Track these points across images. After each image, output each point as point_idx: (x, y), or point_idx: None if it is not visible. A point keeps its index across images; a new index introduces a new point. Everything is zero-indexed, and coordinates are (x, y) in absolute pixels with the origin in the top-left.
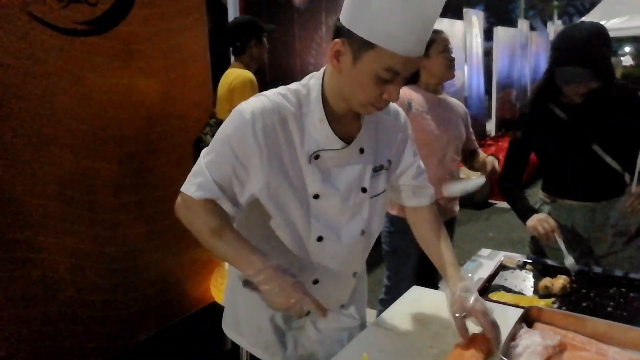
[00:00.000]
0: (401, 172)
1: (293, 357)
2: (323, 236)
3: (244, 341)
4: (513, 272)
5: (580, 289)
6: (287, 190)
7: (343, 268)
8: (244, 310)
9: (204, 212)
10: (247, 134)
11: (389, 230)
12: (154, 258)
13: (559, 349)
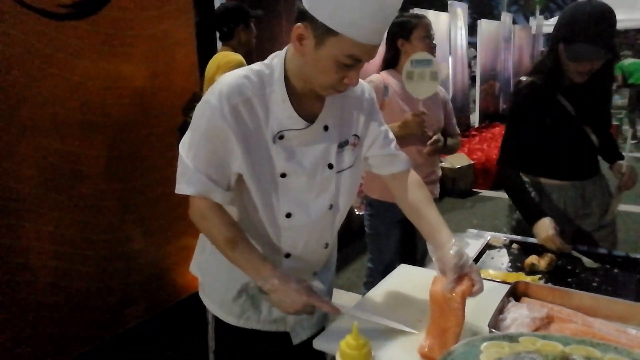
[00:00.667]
0: (369, 144)
1: (267, 320)
2: (292, 212)
3: (219, 310)
4: (499, 251)
5: (565, 265)
6: (257, 168)
7: (314, 241)
8: (217, 281)
9: (219, 222)
10: (218, 121)
11: (370, 213)
12: (140, 246)
13: (546, 321)
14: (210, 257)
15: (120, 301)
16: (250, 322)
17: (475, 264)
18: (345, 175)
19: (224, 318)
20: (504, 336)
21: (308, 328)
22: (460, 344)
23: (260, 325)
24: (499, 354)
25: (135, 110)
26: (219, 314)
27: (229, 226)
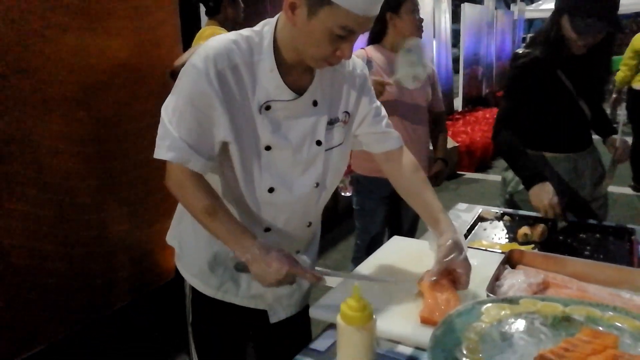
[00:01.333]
0: (360, 121)
1: (246, 295)
2: (274, 187)
3: (196, 280)
4: (491, 223)
5: (557, 236)
6: (241, 138)
7: (296, 218)
8: (195, 251)
9: (197, 191)
10: (203, 84)
11: (357, 190)
12: (122, 227)
13: (542, 286)
14: (188, 227)
15: (105, 283)
16: (228, 295)
17: (467, 260)
18: (334, 154)
19: (201, 289)
20: (504, 299)
21: (287, 307)
22: (461, 307)
23: (238, 300)
24: (500, 316)
25: (118, 88)
26: (197, 285)
27: (207, 195)
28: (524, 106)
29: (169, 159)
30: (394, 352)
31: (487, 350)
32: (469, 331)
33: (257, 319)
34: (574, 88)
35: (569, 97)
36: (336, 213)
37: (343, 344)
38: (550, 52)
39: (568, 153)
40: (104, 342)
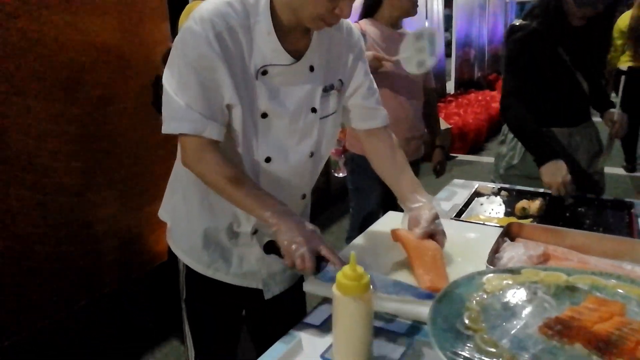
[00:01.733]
0: (352, 92)
1: (237, 273)
2: (271, 157)
3: (187, 257)
4: (488, 198)
5: (555, 209)
6: (239, 105)
7: (292, 190)
8: (187, 226)
9: (218, 161)
10: (203, 47)
11: (351, 169)
12: (109, 211)
13: (542, 259)
14: (180, 201)
15: (94, 267)
16: (219, 273)
17: (442, 225)
18: (328, 122)
19: (192, 266)
20: (505, 270)
21: (281, 282)
22: (461, 278)
23: (229, 279)
24: (501, 286)
25: (103, 67)
26: (188, 262)
27: (229, 164)
28: (528, 79)
29: (183, 132)
30: (391, 326)
31: (490, 320)
32: (470, 302)
33: (251, 297)
34: (572, 61)
35: (566, 70)
36: (329, 195)
37: (339, 315)
38: (549, 24)
39: (562, 127)
40: (92, 327)
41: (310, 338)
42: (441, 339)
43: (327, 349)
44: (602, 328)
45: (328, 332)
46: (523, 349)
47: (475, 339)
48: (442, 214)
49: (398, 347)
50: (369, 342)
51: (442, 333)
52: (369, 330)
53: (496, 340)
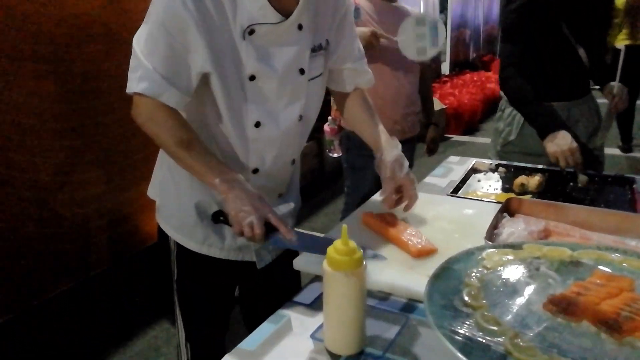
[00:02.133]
0: (340, 54)
1: (232, 247)
2: (261, 122)
3: (178, 234)
4: (485, 175)
5: (555, 186)
6: (223, 68)
7: (282, 155)
8: (177, 202)
9: (171, 124)
10: (176, 7)
11: (347, 147)
12: (98, 190)
13: (543, 234)
14: (168, 176)
15: (83, 247)
16: (213, 249)
17: (411, 173)
18: (316, 84)
19: (185, 244)
20: (506, 245)
21: (273, 250)
22: (459, 253)
23: (224, 254)
24: (502, 261)
25: (89, 40)
26: (180, 240)
27: (182, 127)
28: (526, 50)
29: (140, 91)
30: (385, 304)
31: (490, 297)
32: (469, 278)
33: (243, 273)
34: (572, 33)
35: (566, 42)
36: (322, 176)
37: (330, 293)
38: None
39: (560, 101)
40: (81, 308)
41: (299, 317)
42: (439, 317)
43: (318, 328)
44: (611, 304)
45: (319, 311)
46: (527, 326)
47: (475, 316)
48: (439, 191)
49: (392, 326)
50: (362, 321)
51: (440, 311)
52: (361, 309)
53: (498, 317)
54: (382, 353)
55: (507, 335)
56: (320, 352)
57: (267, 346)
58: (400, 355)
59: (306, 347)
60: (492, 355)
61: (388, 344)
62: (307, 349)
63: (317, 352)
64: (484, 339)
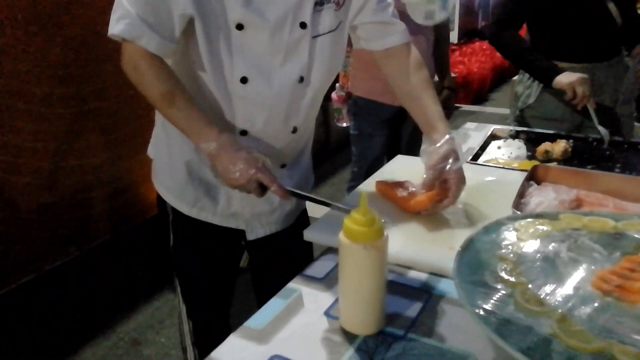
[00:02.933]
0: (359, 6)
1: (225, 213)
2: (247, 77)
3: (170, 195)
4: (505, 141)
5: (581, 153)
6: (207, 14)
7: (277, 120)
8: (167, 159)
9: (152, 74)
10: None
11: (354, 112)
12: (99, 159)
13: (575, 204)
14: (161, 132)
15: (84, 217)
16: (205, 213)
17: (462, 171)
18: (323, 42)
19: (176, 206)
20: (539, 215)
21: (267, 225)
22: (491, 223)
23: (217, 219)
24: (539, 233)
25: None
26: (172, 201)
27: (166, 79)
28: (530, 8)
29: (117, 33)
30: (405, 279)
31: (529, 272)
32: (502, 251)
33: (238, 240)
34: None
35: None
36: (328, 146)
37: (346, 267)
38: None
39: (585, 63)
40: (82, 279)
41: (312, 293)
42: (470, 294)
43: (332, 305)
44: None
45: (332, 286)
46: (574, 307)
47: (514, 294)
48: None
49: (414, 303)
50: (382, 298)
51: (470, 287)
52: (382, 285)
53: (540, 296)
54: (403, 333)
55: (554, 317)
56: (335, 331)
57: (276, 324)
58: (424, 335)
59: (319, 325)
60: (532, 338)
61: (410, 322)
62: (320, 327)
63: (331, 331)
64: (525, 320)
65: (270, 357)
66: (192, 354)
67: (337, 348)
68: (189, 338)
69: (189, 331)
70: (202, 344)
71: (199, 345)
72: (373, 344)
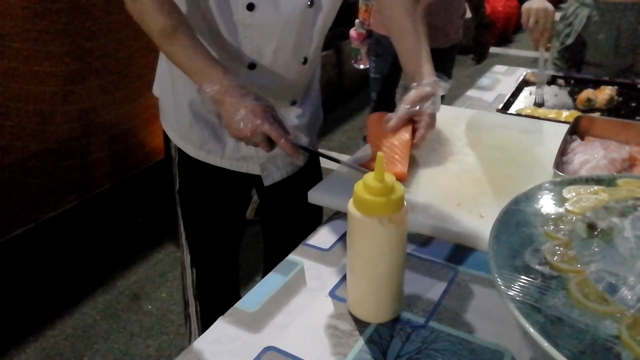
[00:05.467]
0: None
1: (234, 157)
2: (254, 3)
3: (176, 136)
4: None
5: (628, 101)
6: None
7: (287, 49)
8: (174, 102)
9: (153, 6)
10: None
11: (377, 53)
12: (99, 102)
13: (627, 163)
14: (165, 69)
15: (83, 164)
16: (212, 156)
17: (434, 115)
18: None
19: (183, 147)
20: (592, 179)
21: (283, 167)
22: (533, 189)
23: (225, 163)
24: (593, 204)
25: None
26: (178, 142)
27: (167, 11)
28: None
29: None
30: (424, 251)
31: (584, 256)
32: (549, 227)
33: (250, 185)
34: None
35: None
36: (341, 89)
37: (358, 244)
38: None
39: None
40: (83, 229)
41: (315, 267)
42: (508, 280)
43: (338, 283)
44: None
45: (339, 260)
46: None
47: (569, 286)
48: (485, 106)
49: (436, 282)
50: (399, 281)
51: (511, 275)
52: (399, 265)
53: (603, 290)
54: (424, 322)
55: (622, 321)
56: (342, 316)
57: (272, 306)
58: (449, 324)
59: (323, 309)
60: (590, 344)
61: (432, 308)
62: (324, 311)
63: (337, 316)
64: (581, 320)
65: (263, 349)
66: (194, 308)
67: (344, 339)
68: (192, 290)
69: (191, 283)
70: (205, 298)
71: (201, 298)
72: (387, 335)
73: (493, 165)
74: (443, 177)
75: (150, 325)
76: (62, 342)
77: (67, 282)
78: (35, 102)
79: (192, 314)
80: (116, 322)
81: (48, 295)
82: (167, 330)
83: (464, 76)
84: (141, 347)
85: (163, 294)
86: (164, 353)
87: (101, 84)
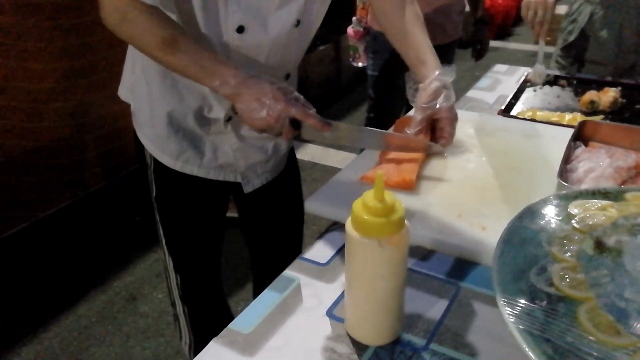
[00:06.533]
0: None
1: (211, 166)
2: (244, 25)
3: (152, 145)
4: (542, 88)
5: (632, 103)
6: None
7: (273, 67)
8: (149, 108)
9: (147, 21)
10: None
11: (374, 50)
12: (93, 100)
13: (634, 172)
14: (141, 77)
15: (78, 162)
16: (189, 166)
17: (454, 108)
18: None
19: (158, 157)
20: (597, 192)
21: (262, 174)
22: (538, 203)
23: (203, 172)
24: (602, 221)
25: None
26: (154, 152)
27: (164, 23)
28: None
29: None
30: (424, 266)
31: (593, 281)
32: (557, 247)
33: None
34: None
35: None
36: (339, 84)
37: (356, 266)
38: None
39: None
40: (78, 229)
41: (312, 283)
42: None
43: (336, 301)
44: None
45: (337, 275)
46: None
47: (578, 315)
48: (485, 108)
49: (437, 300)
50: (399, 303)
51: (517, 300)
52: (398, 287)
53: (615, 319)
54: (424, 343)
55: (636, 356)
56: (340, 338)
57: (267, 327)
58: (451, 346)
59: (320, 329)
60: None
61: (432, 328)
62: (321, 332)
63: (335, 338)
64: (591, 352)
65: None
66: (181, 308)
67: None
68: (177, 292)
69: (176, 285)
70: (191, 299)
71: (187, 300)
72: (387, 358)
73: (495, 173)
74: (443, 185)
75: (146, 327)
76: (57, 345)
77: (62, 283)
78: (28, 100)
79: (180, 314)
80: (112, 323)
81: (42, 296)
82: (164, 332)
83: (463, 70)
84: (137, 350)
85: (159, 295)
86: (160, 356)
87: (95, 82)
